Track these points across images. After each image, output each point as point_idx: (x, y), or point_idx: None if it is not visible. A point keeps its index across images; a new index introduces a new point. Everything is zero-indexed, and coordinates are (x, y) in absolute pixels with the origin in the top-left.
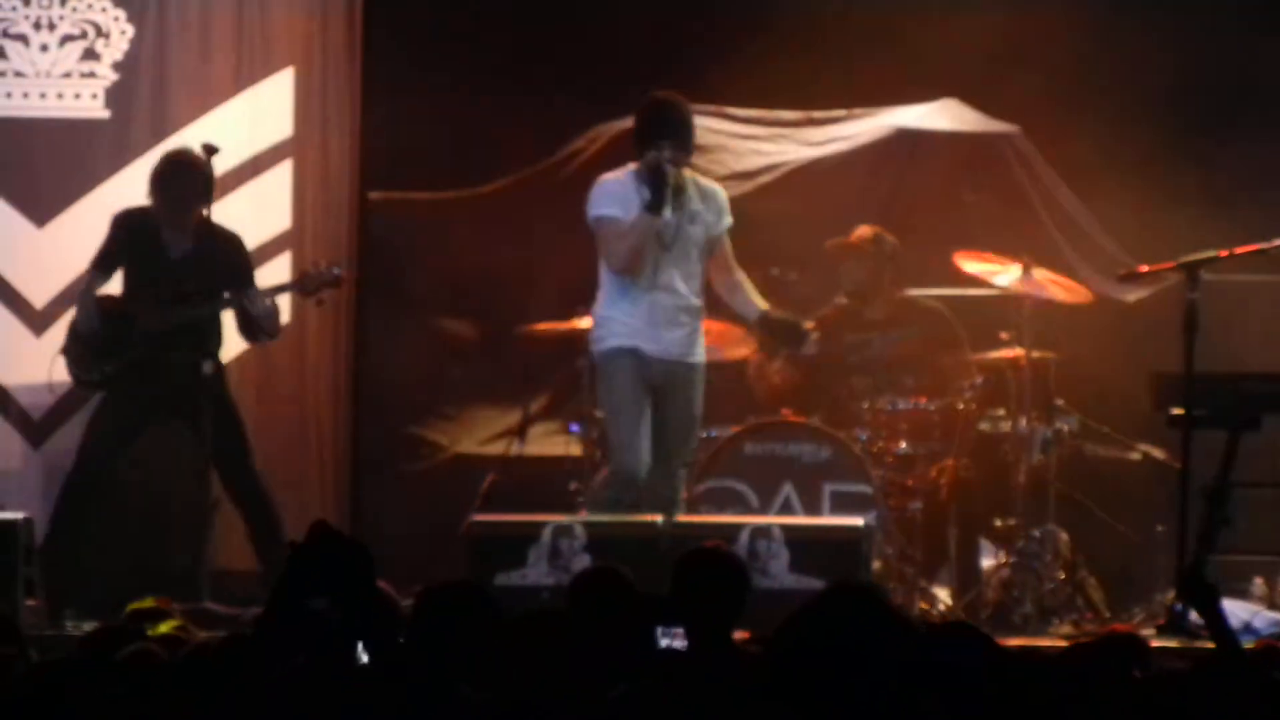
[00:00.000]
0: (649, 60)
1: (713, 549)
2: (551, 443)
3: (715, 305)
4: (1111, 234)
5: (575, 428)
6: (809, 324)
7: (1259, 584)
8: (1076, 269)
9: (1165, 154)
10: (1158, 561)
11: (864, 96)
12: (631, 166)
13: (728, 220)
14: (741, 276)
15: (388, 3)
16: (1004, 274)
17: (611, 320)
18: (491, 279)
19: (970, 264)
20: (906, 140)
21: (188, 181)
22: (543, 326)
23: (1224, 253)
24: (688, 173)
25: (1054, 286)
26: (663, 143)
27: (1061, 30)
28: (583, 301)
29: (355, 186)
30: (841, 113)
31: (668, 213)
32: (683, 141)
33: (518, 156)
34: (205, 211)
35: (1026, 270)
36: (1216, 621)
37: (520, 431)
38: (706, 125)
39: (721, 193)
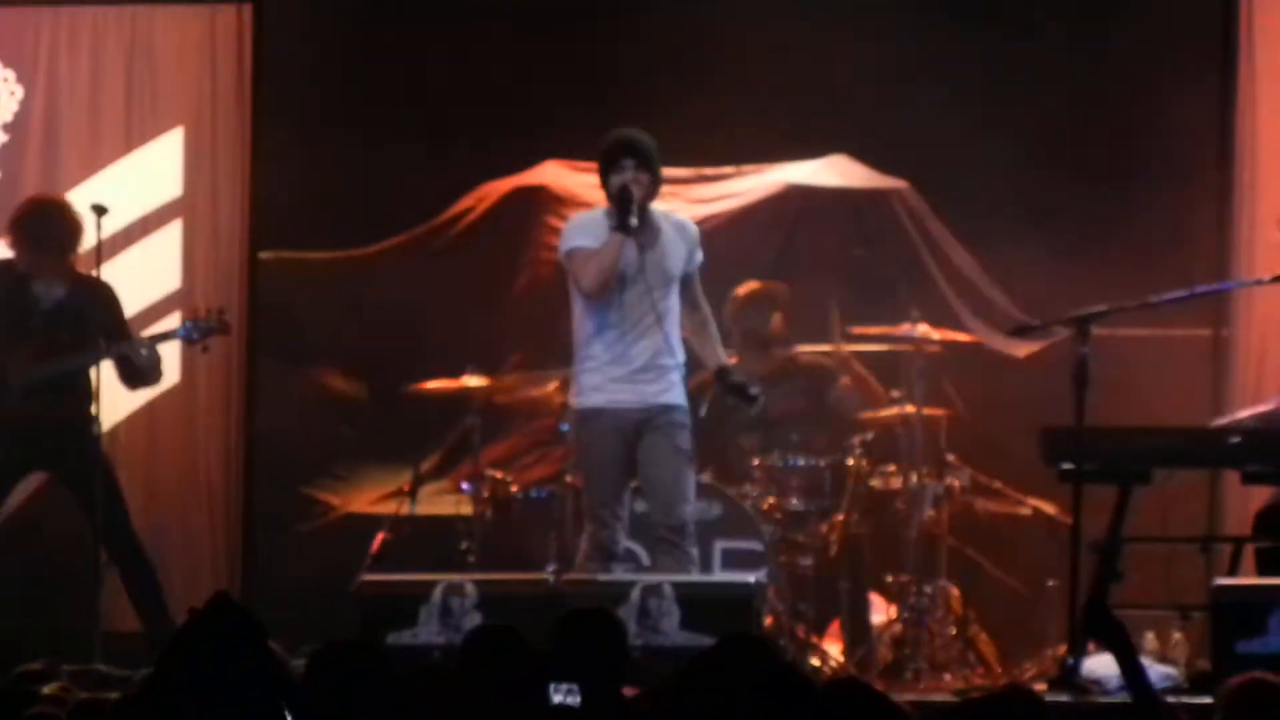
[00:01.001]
0: (538, 120)
1: (585, 610)
2: (442, 501)
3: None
4: (1002, 288)
5: (466, 486)
6: (755, 393)
7: (1151, 638)
8: (967, 324)
9: (1057, 208)
10: (1049, 616)
11: (754, 153)
12: (603, 206)
13: (699, 256)
14: (708, 317)
15: (277, 63)
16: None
17: (584, 375)
18: (381, 338)
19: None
20: (796, 196)
21: (50, 227)
22: (432, 385)
23: (1114, 307)
24: (657, 209)
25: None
26: (625, 162)
27: (951, 85)
28: (473, 360)
29: (245, 246)
30: (731, 169)
31: (634, 221)
32: (645, 162)
33: (407, 215)
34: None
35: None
36: (1125, 653)
37: (411, 490)
38: (596, 183)
39: (693, 227)
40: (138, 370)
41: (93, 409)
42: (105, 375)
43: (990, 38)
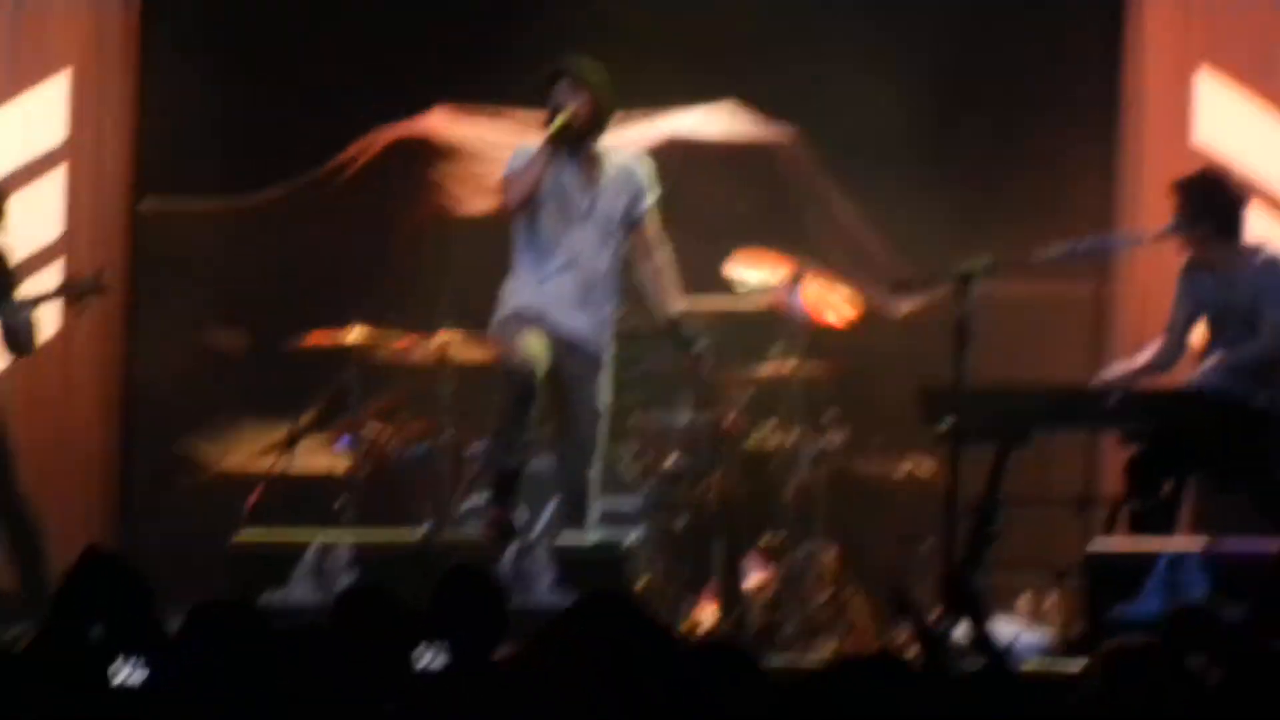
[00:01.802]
0: (428, 65)
1: (468, 567)
2: (319, 458)
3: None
4: (887, 242)
5: (343, 442)
6: (699, 350)
7: (1026, 600)
8: (850, 279)
9: (943, 160)
10: (926, 578)
11: (641, 99)
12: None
13: (651, 197)
14: (662, 264)
15: (165, 7)
16: (773, 276)
17: (513, 294)
18: (263, 289)
19: (742, 270)
20: (679, 149)
21: None
22: (313, 339)
23: (996, 264)
24: (609, 147)
25: (822, 302)
26: (560, 82)
27: (840, 30)
28: (355, 314)
29: (129, 193)
30: (618, 115)
31: (555, 124)
32: (578, 81)
33: (293, 164)
34: None
35: (799, 278)
36: (979, 627)
37: (288, 447)
38: (487, 130)
39: (643, 167)
40: (14, 334)
41: None
42: None
43: None
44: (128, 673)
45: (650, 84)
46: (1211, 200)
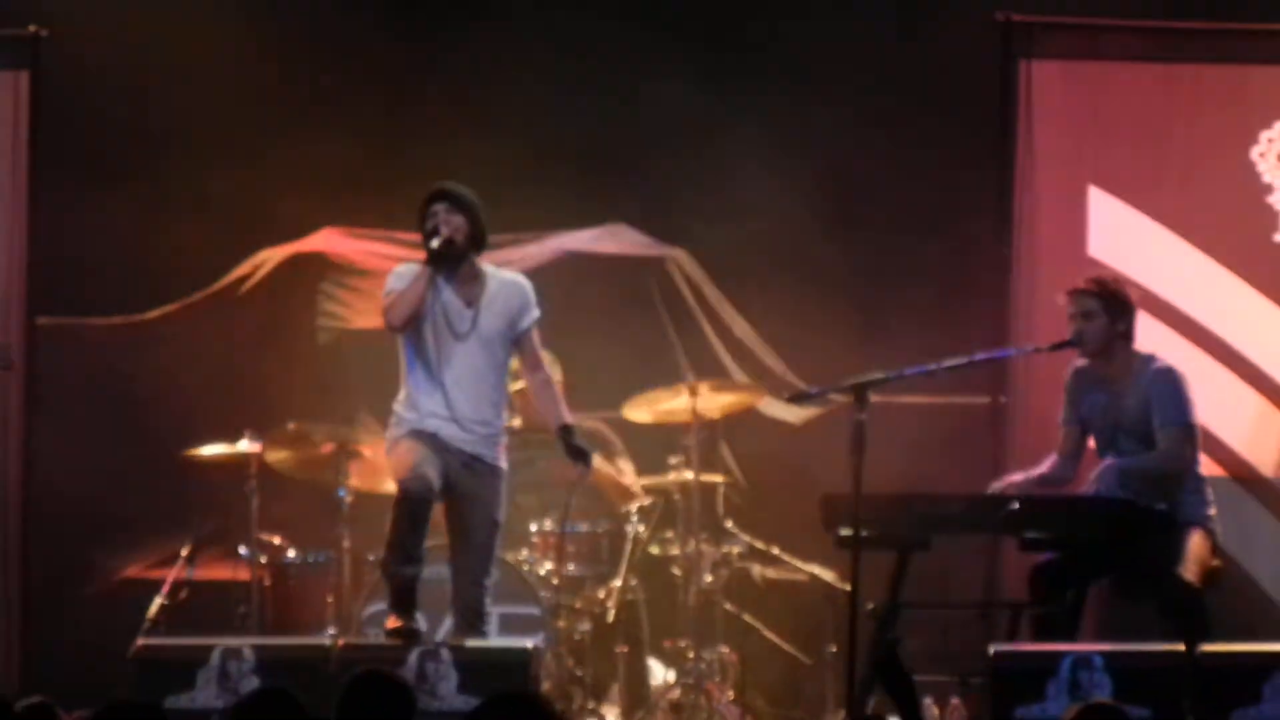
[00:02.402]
0: (321, 185)
1: (377, 672)
2: (220, 566)
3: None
4: (780, 354)
5: (243, 551)
6: (581, 469)
7: (929, 705)
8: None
9: (837, 275)
10: (827, 682)
11: (533, 221)
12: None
13: (534, 314)
14: (549, 377)
15: (55, 127)
16: (674, 402)
17: (406, 410)
18: (160, 403)
19: (638, 412)
20: (573, 263)
21: None
22: (209, 450)
23: (892, 374)
24: (489, 266)
25: (723, 399)
26: (436, 208)
27: (732, 152)
28: (250, 425)
29: (23, 311)
30: (509, 237)
31: (434, 244)
32: (456, 205)
33: (185, 281)
34: None
35: (694, 393)
36: (909, 705)
37: (189, 555)
38: (375, 250)
39: (525, 285)
40: None
41: None
42: None
43: (772, 108)
44: None
45: (538, 208)
46: (1123, 301)
